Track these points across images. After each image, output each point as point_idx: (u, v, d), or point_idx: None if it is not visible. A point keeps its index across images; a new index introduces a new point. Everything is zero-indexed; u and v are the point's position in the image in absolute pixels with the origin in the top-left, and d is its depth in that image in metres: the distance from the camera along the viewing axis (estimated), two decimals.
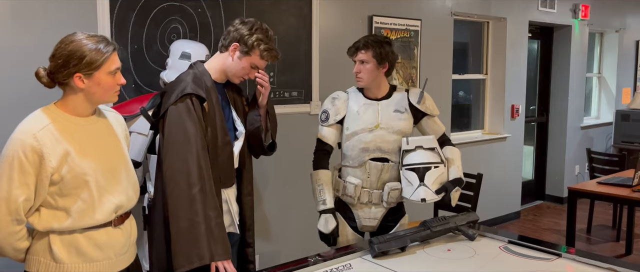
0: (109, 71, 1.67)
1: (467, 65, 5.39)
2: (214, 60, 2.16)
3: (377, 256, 2.04)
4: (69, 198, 1.65)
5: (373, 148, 2.47)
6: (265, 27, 2.13)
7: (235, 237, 2.25)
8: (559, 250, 2.10)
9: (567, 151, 6.22)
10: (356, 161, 2.50)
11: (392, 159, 2.48)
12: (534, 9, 5.48)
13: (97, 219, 1.69)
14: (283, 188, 3.65)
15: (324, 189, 2.49)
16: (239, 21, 2.14)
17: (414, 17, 4.32)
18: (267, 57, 2.13)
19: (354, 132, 2.49)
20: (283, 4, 3.54)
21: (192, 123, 1.95)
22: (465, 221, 2.30)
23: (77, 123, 1.69)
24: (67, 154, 1.63)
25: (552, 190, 6.34)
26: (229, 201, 2.18)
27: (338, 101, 2.55)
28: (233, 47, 2.09)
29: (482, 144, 5.17)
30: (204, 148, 1.97)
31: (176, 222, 1.90)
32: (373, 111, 2.49)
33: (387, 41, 2.48)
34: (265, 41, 2.10)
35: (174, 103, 1.96)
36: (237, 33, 2.09)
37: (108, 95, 1.71)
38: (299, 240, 3.75)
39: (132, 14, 2.92)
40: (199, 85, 2.02)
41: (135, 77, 2.96)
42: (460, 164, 2.51)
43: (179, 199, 1.91)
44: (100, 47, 1.64)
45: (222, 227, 1.98)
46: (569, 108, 6.14)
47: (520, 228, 5.35)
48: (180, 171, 1.92)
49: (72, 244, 1.67)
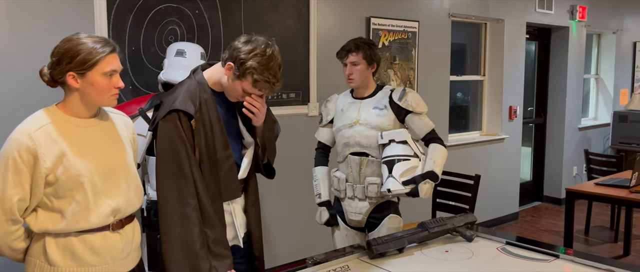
0: (104, 72, 1.65)
1: (464, 66, 5.40)
2: (214, 71, 2.03)
3: (374, 258, 2.04)
4: (64, 200, 1.64)
5: (353, 143, 2.58)
6: (269, 53, 1.89)
7: (241, 251, 2.14)
8: (557, 251, 2.10)
9: (565, 152, 6.23)
10: (340, 155, 2.65)
11: (372, 154, 2.55)
12: (532, 10, 5.49)
13: (92, 222, 1.68)
14: (281, 190, 3.64)
15: (319, 183, 2.72)
16: (243, 39, 1.93)
17: (412, 19, 4.32)
18: (260, 88, 1.92)
19: (338, 129, 2.65)
20: (281, 6, 3.54)
21: (181, 142, 1.87)
22: (463, 222, 2.31)
23: (76, 124, 1.68)
24: (62, 155, 1.62)
25: (550, 191, 6.35)
26: (234, 214, 2.08)
27: (329, 103, 2.75)
28: (228, 66, 1.91)
29: (480, 145, 5.17)
30: (195, 164, 1.90)
31: (169, 242, 1.86)
32: (355, 108, 2.62)
33: (373, 43, 2.65)
34: (260, 71, 1.87)
35: (163, 118, 1.89)
36: (236, 53, 1.90)
37: (103, 97, 1.69)
38: (297, 242, 3.74)
39: (129, 15, 2.92)
40: (192, 99, 1.91)
41: (133, 78, 2.96)
42: (439, 161, 2.49)
43: (172, 218, 1.86)
44: (97, 47, 1.63)
45: (221, 242, 1.94)
46: (567, 109, 6.15)
47: (518, 229, 5.35)
48: (172, 190, 1.87)
49: (66, 247, 1.67)
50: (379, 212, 2.59)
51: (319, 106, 3.78)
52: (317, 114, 3.79)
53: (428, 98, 4.53)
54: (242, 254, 2.15)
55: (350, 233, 2.67)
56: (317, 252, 2.11)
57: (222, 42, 3.29)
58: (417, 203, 4.57)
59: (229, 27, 3.31)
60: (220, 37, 3.28)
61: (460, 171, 3.86)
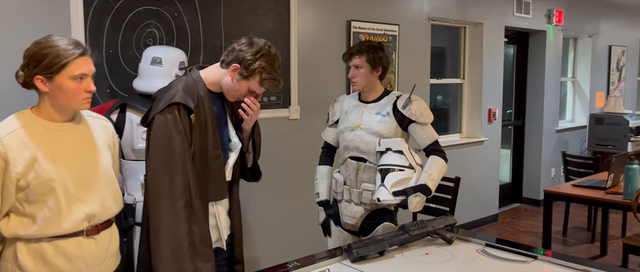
0: (72, 76, 1.62)
1: (444, 69, 5.45)
2: (211, 71, 2.05)
3: (355, 261, 2.04)
4: (36, 205, 1.62)
5: (352, 146, 2.58)
6: (273, 53, 2.01)
7: (224, 254, 2.16)
8: (536, 252, 2.12)
9: (543, 153, 6.32)
10: (341, 158, 2.66)
11: (370, 160, 2.53)
12: (510, 15, 5.56)
13: (64, 228, 1.65)
14: (262, 193, 3.63)
15: (319, 182, 2.72)
16: (246, 41, 2.00)
17: (392, 22, 4.35)
18: (267, 86, 2.02)
19: (340, 131, 2.65)
20: (261, 8, 3.53)
21: (179, 135, 1.87)
22: (443, 224, 2.32)
23: (50, 128, 1.66)
24: (34, 160, 1.59)
25: (529, 193, 6.43)
26: (218, 216, 2.09)
27: (336, 103, 2.76)
28: (233, 67, 1.97)
29: (459, 147, 5.22)
30: (190, 161, 1.90)
31: (157, 237, 1.84)
32: (358, 112, 2.61)
33: (381, 46, 2.60)
34: (269, 70, 1.98)
35: (161, 112, 1.88)
36: (241, 54, 1.97)
37: (73, 101, 1.65)
38: (278, 246, 3.73)
39: (107, 18, 2.88)
40: (190, 94, 1.93)
41: (111, 82, 2.92)
42: (435, 174, 2.44)
43: (162, 213, 1.85)
44: (65, 51, 1.60)
45: (207, 242, 1.94)
46: (545, 112, 6.24)
47: (498, 231, 5.40)
48: (164, 183, 1.85)
49: (38, 252, 1.64)
50: (374, 219, 2.58)
51: (300, 109, 3.78)
52: (298, 117, 3.79)
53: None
54: (224, 257, 2.17)
55: (343, 235, 2.66)
56: (299, 256, 2.10)
57: (202, 45, 3.27)
58: None
59: (208, 30, 3.29)
60: (199, 40, 3.26)
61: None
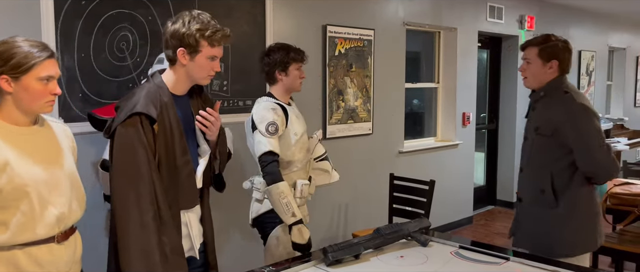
0: (39, 77, 1.60)
1: (419, 74, 5.50)
2: (169, 74, 1.98)
3: (331, 265, 2.04)
4: (8, 211, 1.58)
5: (308, 147, 2.75)
6: (196, 13, 1.91)
7: (197, 262, 2.12)
8: (508, 254, 2.16)
9: (516, 156, 6.42)
10: (302, 162, 2.69)
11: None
12: (483, 20, 5.65)
13: (38, 233, 1.62)
14: (233, 199, 3.60)
15: (290, 201, 2.48)
16: (169, 24, 1.92)
17: (367, 27, 4.37)
18: (217, 42, 1.92)
19: (301, 135, 2.68)
20: (236, 12, 3.52)
21: (142, 146, 1.83)
22: (418, 227, 2.34)
23: (17, 132, 1.63)
24: (6, 164, 1.56)
25: (503, 195, 6.53)
26: (190, 224, 2.04)
27: (278, 110, 2.57)
28: (180, 52, 1.90)
29: (434, 151, 5.27)
30: (155, 171, 1.86)
31: (127, 251, 1.80)
32: (297, 115, 2.72)
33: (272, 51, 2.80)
34: (205, 27, 1.89)
35: (122, 123, 1.84)
36: (175, 37, 1.89)
37: (38, 103, 1.63)
38: (249, 252, 3.70)
39: (78, 21, 2.83)
40: (153, 102, 1.87)
41: (83, 86, 2.87)
42: None
43: (131, 227, 1.81)
44: (33, 51, 1.59)
45: (178, 251, 1.92)
46: (518, 115, 6.34)
47: (473, 233, 5.47)
48: (130, 197, 1.81)
49: (10, 261, 1.60)
50: None
51: None
52: None
53: (384, 105, 4.63)
54: (198, 264, 2.14)
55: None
56: (260, 264, 2.10)
57: None
58: (374, 209, 4.61)
59: None
60: None
61: (416, 176, 3.92)
